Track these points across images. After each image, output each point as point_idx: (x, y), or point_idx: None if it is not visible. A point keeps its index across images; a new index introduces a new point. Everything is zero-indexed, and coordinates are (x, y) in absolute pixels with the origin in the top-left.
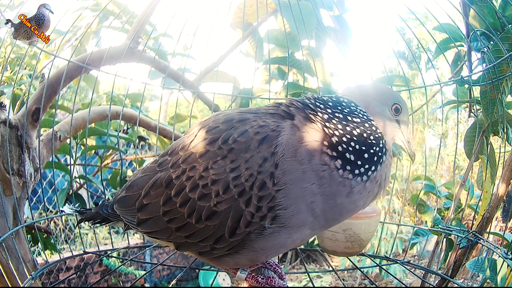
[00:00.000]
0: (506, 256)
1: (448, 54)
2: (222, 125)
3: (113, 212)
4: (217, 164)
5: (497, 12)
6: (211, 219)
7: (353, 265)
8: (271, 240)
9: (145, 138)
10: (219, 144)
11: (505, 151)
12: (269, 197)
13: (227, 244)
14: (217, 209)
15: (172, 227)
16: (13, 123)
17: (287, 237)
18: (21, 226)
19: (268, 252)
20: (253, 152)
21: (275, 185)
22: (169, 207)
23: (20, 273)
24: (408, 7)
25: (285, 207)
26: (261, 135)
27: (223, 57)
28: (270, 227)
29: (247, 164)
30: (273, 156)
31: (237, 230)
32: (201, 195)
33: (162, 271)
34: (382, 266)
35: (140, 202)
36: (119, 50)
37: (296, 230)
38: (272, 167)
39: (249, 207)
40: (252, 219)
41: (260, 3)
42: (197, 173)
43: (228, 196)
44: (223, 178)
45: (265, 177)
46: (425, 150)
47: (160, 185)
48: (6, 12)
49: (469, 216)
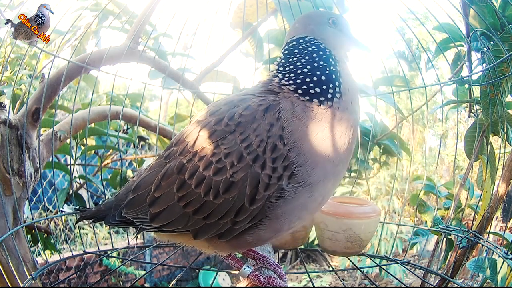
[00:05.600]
0: (506, 256)
1: (448, 54)
2: (224, 107)
3: (122, 219)
4: (227, 139)
5: (497, 12)
6: (229, 191)
7: (353, 265)
8: (292, 202)
9: (145, 138)
10: (225, 122)
11: (505, 151)
12: (282, 157)
13: (249, 214)
14: (234, 179)
15: (189, 212)
16: (13, 123)
17: (308, 195)
18: (21, 226)
19: (291, 216)
20: (260, 121)
21: (286, 145)
22: (184, 191)
23: (20, 273)
24: (408, 7)
25: (300, 163)
26: (264, 106)
27: (223, 57)
28: (288, 188)
29: (256, 132)
30: (279, 121)
31: (256, 196)
32: (216, 170)
33: (162, 271)
34: (382, 266)
35: (151, 197)
36: (119, 50)
37: (316, 186)
38: (280, 130)
39: (265, 170)
40: (269, 181)
41: (260, 3)
42: (208, 151)
43: (243, 164)
44: (236, 150)
45: (275, 140)
46: (425, 150)
47: (171, 174)
48: (6, 12)
49: (469, 216)
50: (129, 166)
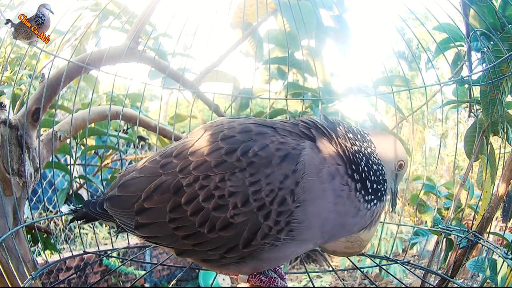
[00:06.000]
0: (506, 256)
1: (448, 54)
2: (239, 136)
3: (103, 212)
4: (235, 176)
5: (497, 12)
6: (226, 230)
7: (353, 265)
8: (280, 252)
9: (145, 138)
10: (237, 156)
11: (505, 151)
12: (288, 212)
13: (239, 254)
14: (233, 221)
15: (179, 235)
16: (13, 123)
17: (294, 250)
18: (21, 226)
19: (272, 262)
20: (274, 168)
21: (295, 202)
22: (178, 215)
23: (20, 273)
24: (408, 7)
25: (300, 221)
26: (283, 152)
27: (223, 57)
28: (283, 239)
29: (268, 179)
30: (294, 174)
31: (252, 242)
32: (216, 205)
33: (162, 271)
34: (382, 266)
35: (140, 205)
36: (119, 50)
37: (304, 243)
38: (293, 185)
39: (268, 221)
40: (269, 232)
41: (260, 3)
42: (212, 183)
43: (247, 209)
44: (242, 191)
45: (285, 193)
46: (425, 150)
47: (166, 190)
48: (6, 12)
49: (469, 216)
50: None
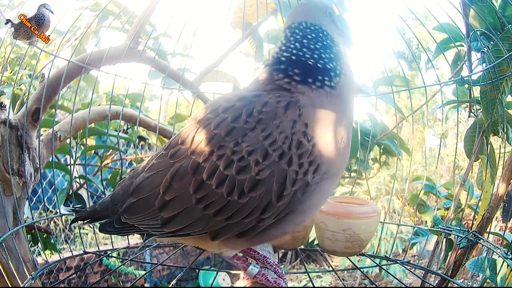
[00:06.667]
0: (506, 256)
1: (448, 54)
2: (238, 103)
3: (122, 226)
4: (247, 137)
5: (497, 12)
6: (255, 189)
7: (353, 265)
8: (317, 194)
9: (145, 138)
10: (244, 119)
11: (505, 151)
12: (308, 152)
13: (275, 210)
14: (260, 177)
15: (209, 213)
16: (13, 123)
17: (329, 186)
18: (21, 226)
19: (312, 209)
20: (282, 118)
21: (310, 141)
22: (203, 193)
23: (20, 273)
24: (408, 7)
25: (322, 155)
26: (284, 102)
27: (223, 57)
28: (313, 181)
29: (279, 129)
30: (301, 117)
31: (284, 192)
32: (239, 169)
33: (162, 271)
34: (382, 266)
35: (161, 200)
36: (119, 50)
37: (337, 175)
38: (303, 127)
39: (292, 166)
40: (297, 176)
41: (260, 3)
42: (228, 150)
43: (269, 161)
44: (260, 147)
45: (299, 136)
46: (425, 150)
47: (184, 174)
48: (6, 12)
49: (469, 216)
50: (129, 166)
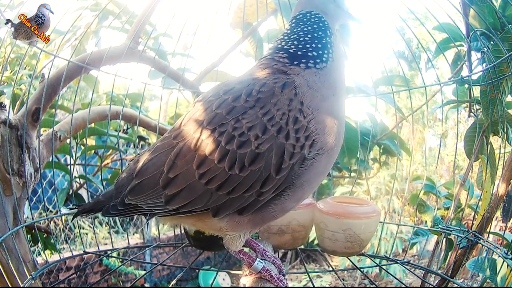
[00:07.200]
0: (506, 256)
1: (448, 54)
2: (237, 85)
3: (126, 207)
4: (247, 114)
5: (497, 12)
6: (255, 162)
7: (353, 265)
8: (314, 169)
9: (145, 138)
10: (244, 98)
11: (505, 151)
12: (304, 128)
13: (274, 183)
14: (259, 151)
15: (211, 188)
16: (13, 123)
17: (326, 162)
18: (21, 226)
19: (313, 183)
20: (279, 96)
21: (306, 118)
22: (206, 167)
23: (20, 273)
24: (408, 7)
25: (318, 132)
26: (281, 82)
27: (223, 57)
28: (310, 156)
29: (276, 106)
30: (297, 96)
31: (282, 165)
32: (240, 143)
33: (162, 271)
34: (382, 266)
35: (165, 178)
36: (119, 50)
37: (332, 151)
38: (299, 105)
39: (289, 140)
40: (294, 150)
41: (260, 3)
42: (229, 126)
43: (267, 135)
44: (259, 123)
45: (295, 113)
46: (425, 150)
47: (187, 152)
48: (6, 12)
49: (469, 216)
50: None
